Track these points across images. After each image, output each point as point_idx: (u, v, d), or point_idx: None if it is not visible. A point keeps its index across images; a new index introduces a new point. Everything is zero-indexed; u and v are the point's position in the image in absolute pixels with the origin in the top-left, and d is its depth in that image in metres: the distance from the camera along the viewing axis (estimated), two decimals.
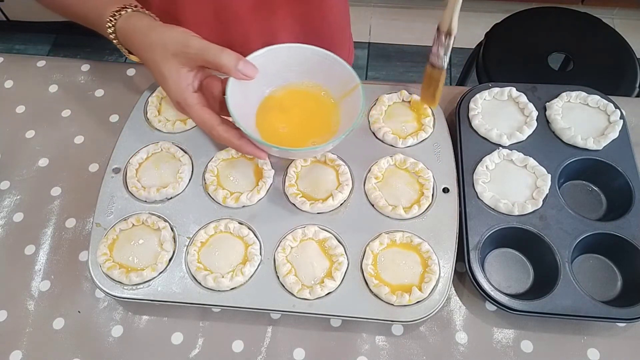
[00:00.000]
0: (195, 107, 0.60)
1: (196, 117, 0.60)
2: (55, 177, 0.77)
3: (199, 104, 0.60)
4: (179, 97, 0.60)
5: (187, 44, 0.58)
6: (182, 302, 0.63)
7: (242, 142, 0.60)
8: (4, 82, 0.87)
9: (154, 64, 0.60)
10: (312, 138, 0.64)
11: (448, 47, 0.65)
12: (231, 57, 0.58)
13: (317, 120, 0.67)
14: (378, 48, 2.15)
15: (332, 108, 0.67)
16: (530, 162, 0.71)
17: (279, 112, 0.67)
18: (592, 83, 0.79)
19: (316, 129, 0.66)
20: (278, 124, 0.66)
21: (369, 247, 0.65)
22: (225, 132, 0.60)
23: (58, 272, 0.69)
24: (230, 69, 0.58)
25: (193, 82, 0.61)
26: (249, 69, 0.59)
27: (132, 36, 0.63)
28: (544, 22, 1.31)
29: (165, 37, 0.59)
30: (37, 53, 2.12)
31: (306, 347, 0.64)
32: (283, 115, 0.67)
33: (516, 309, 0.62)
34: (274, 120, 0.66)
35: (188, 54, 0.58)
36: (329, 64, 0.65)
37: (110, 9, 0.63)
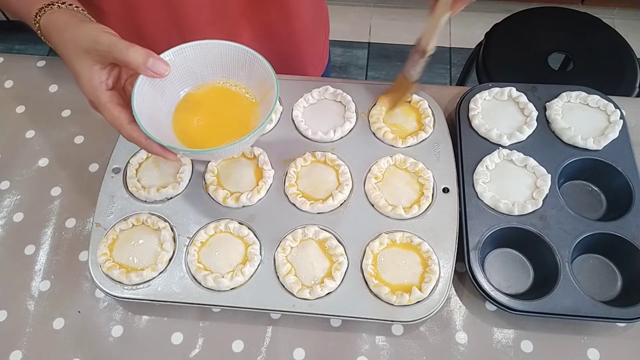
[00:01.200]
0: (107, 105, 0.58)
1: (107, 115, 0.58)
2: (55, 177, 0.77)
3: (110, 102, 0.58)
4: (91, 95, 0.58)
5: (97, 40, 0.56)
6: (182, 302, 0.63)
7: (149, 142, 0.58)
8: (4, 82, 0.87)
9: (69, 61, 0.59)
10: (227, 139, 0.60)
11: (422, 64, 0.68)
12: (139, 54, 0.55)
13: (235, 121, 0.64)
14: (378, 48, 2.15)
15: (251, 107, 0.64)
16: (530, 162, 0.71)
17: (194, 112, 0.64)
18: (592, 83, 0.79)
19: (233, 130, 0.62)
20: (193, 124, 0.63)
21: (369, 247, 0.65)
22: (133, 132, 0.58)
23: (58, 272, 0.69)
24: (139, 66, 0.56)
25: (107, 79, 0.59)
26: (159, 67, 0.57)
27: (52, 33, 0.61)
28: (544, 22, 1.30)
29: (78, 34, 0.58)
30: (37, 53, 2.12)
31: (306, 347, 0.64)
32: (199, 115, 0.64)
33: (516, 309, 0.62)
34: (189, 120, 0.64)
35: (99, 50, 0.56)
36: (249, 62, 0.62)
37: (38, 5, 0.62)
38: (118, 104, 0.58)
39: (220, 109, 0.64)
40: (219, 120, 0.64)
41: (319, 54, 0.96)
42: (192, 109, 0.64)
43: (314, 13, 0.88)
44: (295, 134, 0.75)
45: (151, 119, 0.58)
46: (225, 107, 0.65)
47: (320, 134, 0.74)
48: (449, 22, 2.20)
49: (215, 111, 0.64)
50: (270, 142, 0.74)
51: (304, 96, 0.77)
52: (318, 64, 0.96)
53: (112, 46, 0.55)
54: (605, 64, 1.23)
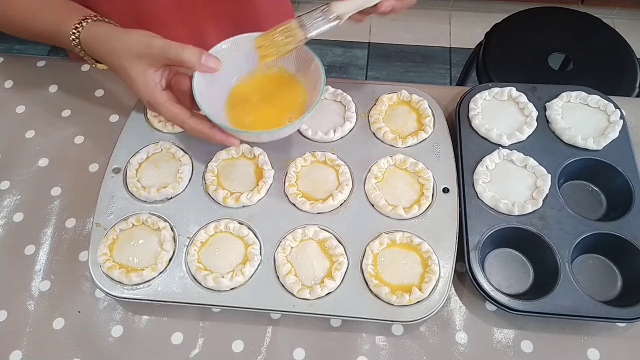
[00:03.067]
0: (166, 104, 0.62)
1: (167, 113, 0.62)
2: (55, 177, 0.77)
3: (168, 100, 0.62)
4: (148, 97, 0.62)
5: (150, 44, 0.60)
6: (182, 302, 0.63)
7: (214, 132, 0.62)
8: (4, 82, 0.87)
9: (121, 68, 0.62)
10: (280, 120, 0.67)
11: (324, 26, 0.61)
12: (193, 52, 0.60)
13: (284, 103, 0.69)
14: (378, 48, 2.15)
15: (297, 88, 0.70)
16: (530, 162, 0.71)
17: (246, 100, 0.69)
18: (592, 83, 0.79)
19: (284, 112, 0.68)
20: (247, 111, 0.69)
21: (369, 247, 0.65)
22: (197, 124, 0.62)
23: (58, 272, 0.69)
24: (194, 64, 0.60)
25: (160, 80, 0.62)
26: (212, 62, 0.61)
27: (96, 44, 0.65)
28: (544, 22, 1.30)
29: (128, 41, 0.61)
30: (37, 53, 2.11)
31: (306, 347, 0.64)
32: (250, 102, 0.69)
33: (516, 309, 0.62)
34: (242, 108, 0.69)
35: (152, 54, 0.60)
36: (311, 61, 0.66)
37: (72, 22, 0.66)
38: (175, 102, 0.63)
39: (269, 95, 0.70)
40: (269, 105, 0.70)
41: None
42: (243, 98, 0.70)
43: (278, 7, 0.90)
44: (295, 134, 0.75)
45: (210, 110, 0.62)
46: (273, 92, 0.70)
47: (320, 134, 0.74)
48: (449, 22, 2.20)
49: (264, 97, 0.70)
50: (270, 142, 0.74)
51: None
52: None
53: (165, 48, 0.59)
54: (605, 64, 1.23)
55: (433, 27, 2.19)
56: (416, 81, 2.06)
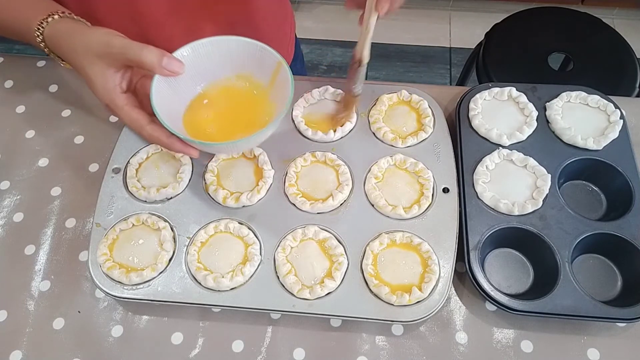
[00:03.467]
0: (125, 108, 0.59)
1: (126, 118, 0.59)
2: (55, 177, 0.77)
3: (127, 104, 0.59)
4: (106, 98, 0.59)
5: (110, 43, 0.57)
6: (182, 302, 0.63)
7: (171, 141, 0.59)
8: (4, 82, 0.87)
9: (81, 67, 0.59)
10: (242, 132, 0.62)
11: (360, 75, 0.67)
12: (154, 54, 0.56)
13: (248, 117, 0.66)
14: (378, 48, 2.14)
15: (265, 104, 0.66)
16: (530, 162, 0.71)
17: (208, 108, 0.66)
18: (592, 83, 0.79)
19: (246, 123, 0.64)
20: (207, 120, 0.65)
21: (369, 247, 0.65)
22: (154, 131, 0.58)
23: (58, 272, 0.69)
24: (154, 66, 0.56)
25: (121, 82, 0.59)
26: (174, 65, 0.58)
27: (59, 41, 0.62)
28: (544, 22, 1.31)
29: (88, 39, 0.58)
30: (37, 53, 2.11)
31: (306, 347, 0.64)
32: (212, 111, 0.66)
33: (516, 309, 0.62)
34: (203, 117, 0.65)
35: (111, 54, 0.57)
36: (254, 52, 0.63)
37: (38, 17, 0.62)
38: (135, 106, 0.59)
39: (233, 105, 0.66)
40: (233, 115, 0.66)
41: (283, 50, 0.95)
42: (205, 106, 0.66)
43: (276, 8, 0.89)
44: (295, 134, 0.75)
45: (168, 117, 0.58)
46: (237, 102, 0.66)
47: (320, 134, 0.74)
48: (449, 22, 2.20)
49: (228, 107, 0.66)
50: (270, 142, 0.74)
51: (304, 96, 0.77)
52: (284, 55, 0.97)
53: (125, 48, 0.56)
54: (605, 64, 1.23)
55: (433, 27, 2.19)
56: (416, 81, 2.06)
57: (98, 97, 0.60)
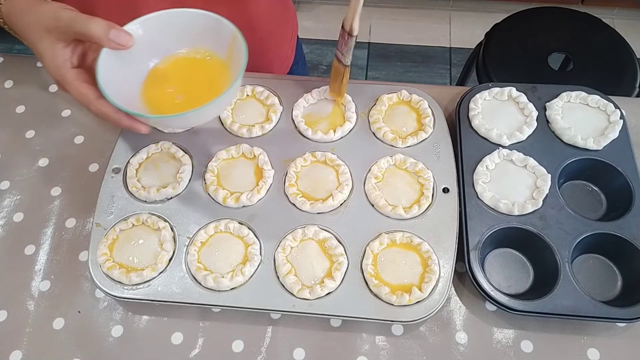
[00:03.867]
0: (74, 83, 0.57)
1: (75, 93, 0.57)
2: (55, 177, 0.77)
3: (77, 80, 0.57)
4: (56, 74, 0.57)
5: (57, 16, 0.55)
6: (182, 302, 0.63)
7: (119, 116, 0.56)
8: (4, 82, 0.87)
9: (33, 43, 0.57)
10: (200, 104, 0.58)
11: (350, 46, 0.66)
12: (100, 26, 0.54)
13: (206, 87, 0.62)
14: (378, 48, 2.15)
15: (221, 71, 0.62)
16: (530, 162, 0.71)
17: (165, 82, 0.63)
18: (592, 83, 0.79)
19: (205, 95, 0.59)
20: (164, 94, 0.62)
21: (369, 247, 0.65)
22: (102, 106, 0.56)
23: (58, 272, 0.69)
24: (101, 38, 0.55)
25: (71, 57, 0.57)
26: (122, 37, 0.56)
27: (14, 19, 0.60)
28: (544, 22, 1.31)
29: (39, 14, 0.56)
30: None
31: (306, 347, 0.64)
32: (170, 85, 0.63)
33: (516, 309, 0.62)
34: (160, 91, 0.62)
35: (59, 27, 0.55)
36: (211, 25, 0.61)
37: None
38: (85, 82, 0.57)
39: (191, 77, 0.63)
40: (190, 88, 0.63)
41: (284, 52, 0.96)
42: (162, 79, 0.63)
43: (278, 10, 0.88)
44: (295, 134, 0.75)
45: (119, 92, 0.56)
46: (195, 75, 0.64)
47: (320, 134, 0.74)
48: (449, 22, 2.20)
49: (186, 80, 0.63)
50: (270, 142, 0.74)
51: (304, 96, 0.77)
52: (283, 61, 0.97)
53: (72, 21, 0.55)
54: (605, 64, 1.23)
55: (433, 27, 2.19)
56: (416, 81, 2.06)
57: (48, 73, 0.58)
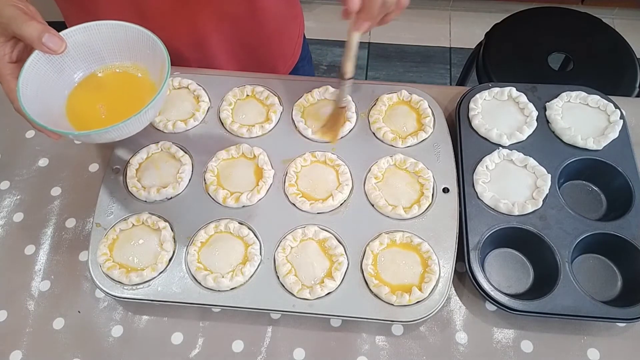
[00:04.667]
0: (7, 78, 0.58)
1: (5, 87, 0.58)
2: (55, 177, 0.77)
3: (10, 74, 0.58)
4: None
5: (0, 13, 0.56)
6: (182, 302, 0.63)
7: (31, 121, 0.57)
8: None
9: None
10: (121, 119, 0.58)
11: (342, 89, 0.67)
12: (34, 28, 0.55)
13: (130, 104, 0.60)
14: (378, 48, 2.15)
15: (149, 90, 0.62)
16: (530, 162, 0.71)
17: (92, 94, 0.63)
18: (592, 83, 0.79)
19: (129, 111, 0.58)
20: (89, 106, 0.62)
21: (369, 247, 0.65)
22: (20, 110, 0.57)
23: (58, 272, 0.69)
24: (33, 40, 0.56)
25: (11, 52, 0.58)
26: (55, 42, 0.57)
27: None
28: (544, 22, 1.30)
29: None
30: None
31: (306, 347, 0.64)
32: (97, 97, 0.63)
33: (516, 309, 0.62)
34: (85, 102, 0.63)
35: (1, 23, 0.56)
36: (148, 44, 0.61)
37: None
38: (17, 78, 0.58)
39: (119, 92, 0.64)
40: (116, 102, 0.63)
41: (289, 49, 0.96)
42: (90, 91, 0.63)
43: (285, 10, 0.89)
44: (295, 134, 0.75)
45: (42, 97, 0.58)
46: (123, 89, 0.64)
47: (319, 135, 0.74)
48: (449, 22, 2.20)
49: (113, 94, 0.63)
50: (270, 142, 0.74)
51: (304, 96, 0.77)
52: (289, 59, 0.97)
53: (11, 19, 0.56)
54: (605, 64, 1.23)
55: (433, 27, 2.19)
56: (416, 81, 2.06)
57: None
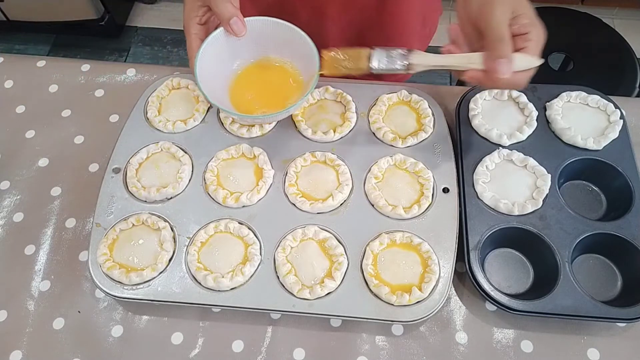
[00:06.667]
0: (192, 36, 0.66)
1: (188, 43, 0.66)
2: (55, 177, 0.77)
3: (196, 34, 0.66)
4: (185, 22, 0.67)
5: None
6: (182, 302, 0.63)
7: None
8: (4, 82, 0.87)
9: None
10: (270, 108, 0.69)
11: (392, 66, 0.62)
12: (228, 10, 0.62)
13: (281, 96, 0.70)
14: None
15: (299, 85, 0.70)
16: (530, 162, 0.71)
17: (252, 81, 0.72)
18: (592, 83, 0.79)
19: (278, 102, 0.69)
20: (246, 93, 0.71)
21: (369, 247, 0.65)
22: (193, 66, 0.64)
23: (58, 272, 0.69)
24: (223, 19, 0.63)
25: (203, 16, 0.66)
26: (239, 26, 0.64)
27: None
28: (544, 22, 1.30)
29: None
30: (37, 53, 2.12)
31: (306, 347, 0.64)
32: (255, 84, 0.72)
33: (516, 309, 0.62)
34: (245, 88, 0.71)
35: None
36: (308, 52, 0.66)
37: None
38: (200, 38, 0.66)
39: (273, 84, 0.72)
40: (269, 92, 0.72)
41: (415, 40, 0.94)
42: (251, 78, 0.72)
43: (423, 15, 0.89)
44: (295, 134, 0.75)
45: (214, 69, 0.67)
46: (277, 82, 0.72)
47: (320, 134, 0.74)
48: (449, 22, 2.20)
49: (268, 84, 0.72)
50: (270, 142, 0.74)
51: None
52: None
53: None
54: (605, 64, 1.23)
55: None
56: (416, 81, 2.05)
57: (183, 17, 0.67)
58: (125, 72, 0.87)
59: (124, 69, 0.87)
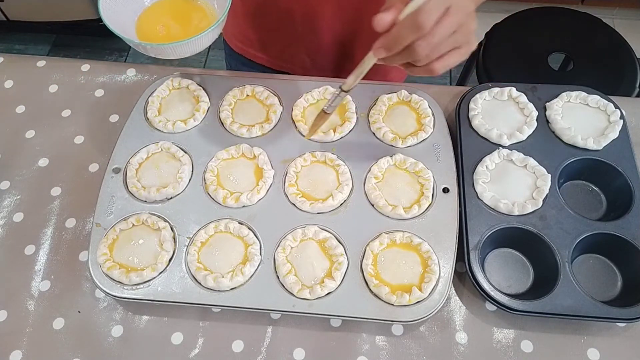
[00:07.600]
0: None
1: None
2: (55, 177, 0.77)
3: None
4: None
5: None
6: (182, 302, 0.63)
7: None
8: (4, 82, 0.87)
9: None
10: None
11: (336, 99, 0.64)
12: None
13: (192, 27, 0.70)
14: None
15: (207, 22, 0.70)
16: (530, 162, 0.71)
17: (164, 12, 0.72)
18: (592, 83, 0.79)
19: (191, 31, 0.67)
20: (156, 28, 0.71)
21: (369, 247, 0.65)
22: None
23: (58, 272, 0.69)
24: None
25: None
26: None
27: None
28: (544, 22, 1.31)
29: None
30: (37, 53, 2.12)
31: (306, 347, 0.64)
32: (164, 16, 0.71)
33: (516, 309, 0.62)
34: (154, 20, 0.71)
35: None
36: None
37: None
38: None
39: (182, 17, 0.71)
40: (179, 25, 0.71)
41: None
42: (162, 10, 0.72)
43: None
44: (295, 134, 0.75)
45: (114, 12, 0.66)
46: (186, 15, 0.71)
47: (320, 134, 0.74)
48: None
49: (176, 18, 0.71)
50: (270, 142, 0.74)
51: (303, 96, 0.77)
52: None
53: None
54: (605, 64, 1.23)
55: None
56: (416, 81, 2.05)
57: None
58: (125, 72, 0.87)
59: (124, 69, 0.87)
